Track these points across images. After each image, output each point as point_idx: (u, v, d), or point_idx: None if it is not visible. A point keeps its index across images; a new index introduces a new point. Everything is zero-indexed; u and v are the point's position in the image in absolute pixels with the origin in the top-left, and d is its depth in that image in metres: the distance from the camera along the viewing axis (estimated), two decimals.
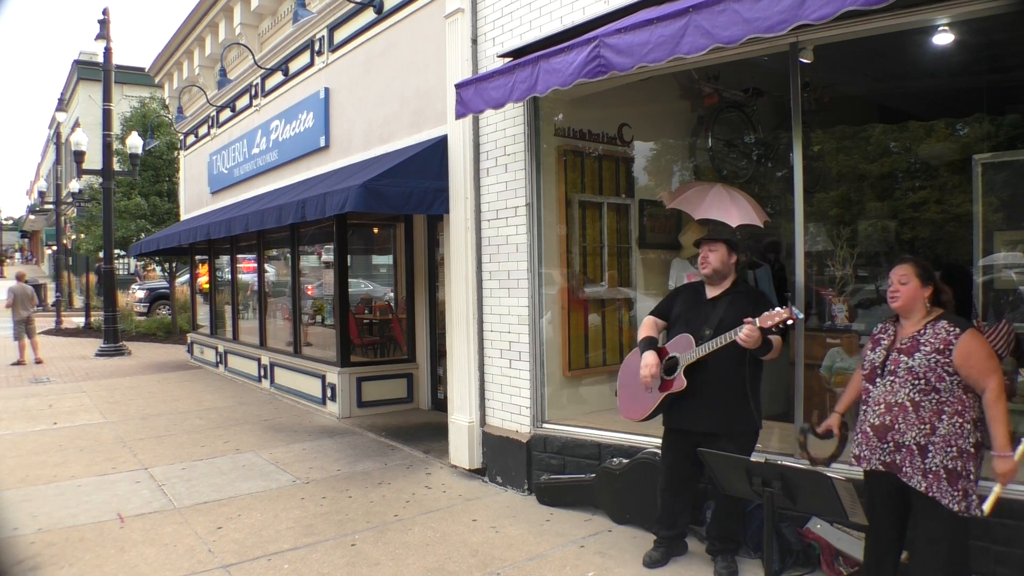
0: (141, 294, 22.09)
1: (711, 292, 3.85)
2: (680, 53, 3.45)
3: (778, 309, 3.34)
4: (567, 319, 5.62)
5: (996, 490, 2.80)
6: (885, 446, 2.95)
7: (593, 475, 4.72)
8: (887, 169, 6.40)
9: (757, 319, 3.38)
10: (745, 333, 3.38)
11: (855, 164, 6.44)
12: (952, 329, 2.87)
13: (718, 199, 5.14)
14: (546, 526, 4.54)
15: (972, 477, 2.84)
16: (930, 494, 2.83)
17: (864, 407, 3.08)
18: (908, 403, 2.89)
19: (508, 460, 5.34)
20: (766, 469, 2.79)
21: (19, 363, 12.65)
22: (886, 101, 7.11)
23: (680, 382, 3.66)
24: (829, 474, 2.63)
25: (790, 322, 3.32)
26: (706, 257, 3.79)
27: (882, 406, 2.97)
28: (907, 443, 2.88)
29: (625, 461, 4.55)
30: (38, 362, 12.80)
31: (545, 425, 5.25)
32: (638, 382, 3.88)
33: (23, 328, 12.77)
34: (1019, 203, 4.69)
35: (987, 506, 2.81)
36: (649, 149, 6.40)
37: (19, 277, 13.28)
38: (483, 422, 5.68)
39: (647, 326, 4.00)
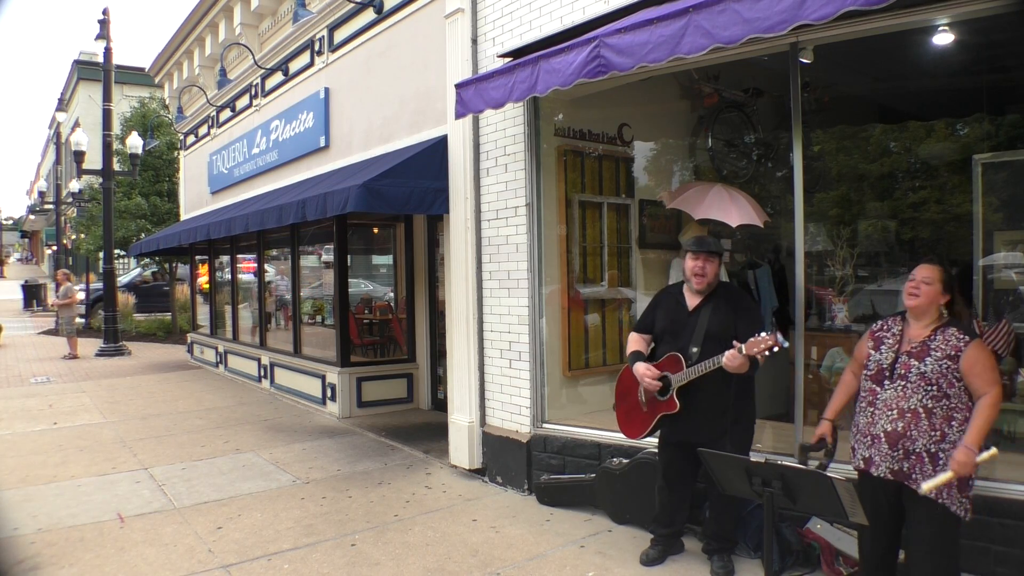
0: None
1: (692, 301, 3.79)
2: (680, 53, 3.46)
3: (763, 335, 3.25)
4: (567, 319, 5.62)
5: (945, 476, 2.75)
6: (895, 453, 2.92)
7: (593, 475, 4.72)
8: (887, 169, 6.40)
9: (743, 345, 3.30)
10: (728, 358, 3.35)
11: (855, 164, 6.43)
12: (962, 337, 2.90)
13: (718, 199, 5.15)
14: (546, 526, 4.54)
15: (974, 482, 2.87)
16: (940, 501, 2.82)
17: (871, 409, 3.03)
18: (921, 409, 2.88)
19: (508, 460, 5.34)
20: (766, 469, 2.79)
21: (73, 357, 13.38)
22: (886, 101, 7.10)
23: (673, 404, 3.67)
24: (829, 474, 2.64)
25: (775, 349, 3.24)
26: (704, 269, 3.70)
27: (895, 411, 2.93)
28: (917, 450, 2.87)
29: (625, 461, 4.55)
30: (72, 357, 13.43)
31: (545, 425, 5.25)
32: (632, 398, 3.92)
33: (70, 324, 13.65)
34: (1019, 203, 4.68)
35: (927, 485, 2.76)
36: (649, 149, 6.40)
37: (66, 277, 14.25)
38: (483, 422, 5.68)
39: (633, 342, 3.99)
